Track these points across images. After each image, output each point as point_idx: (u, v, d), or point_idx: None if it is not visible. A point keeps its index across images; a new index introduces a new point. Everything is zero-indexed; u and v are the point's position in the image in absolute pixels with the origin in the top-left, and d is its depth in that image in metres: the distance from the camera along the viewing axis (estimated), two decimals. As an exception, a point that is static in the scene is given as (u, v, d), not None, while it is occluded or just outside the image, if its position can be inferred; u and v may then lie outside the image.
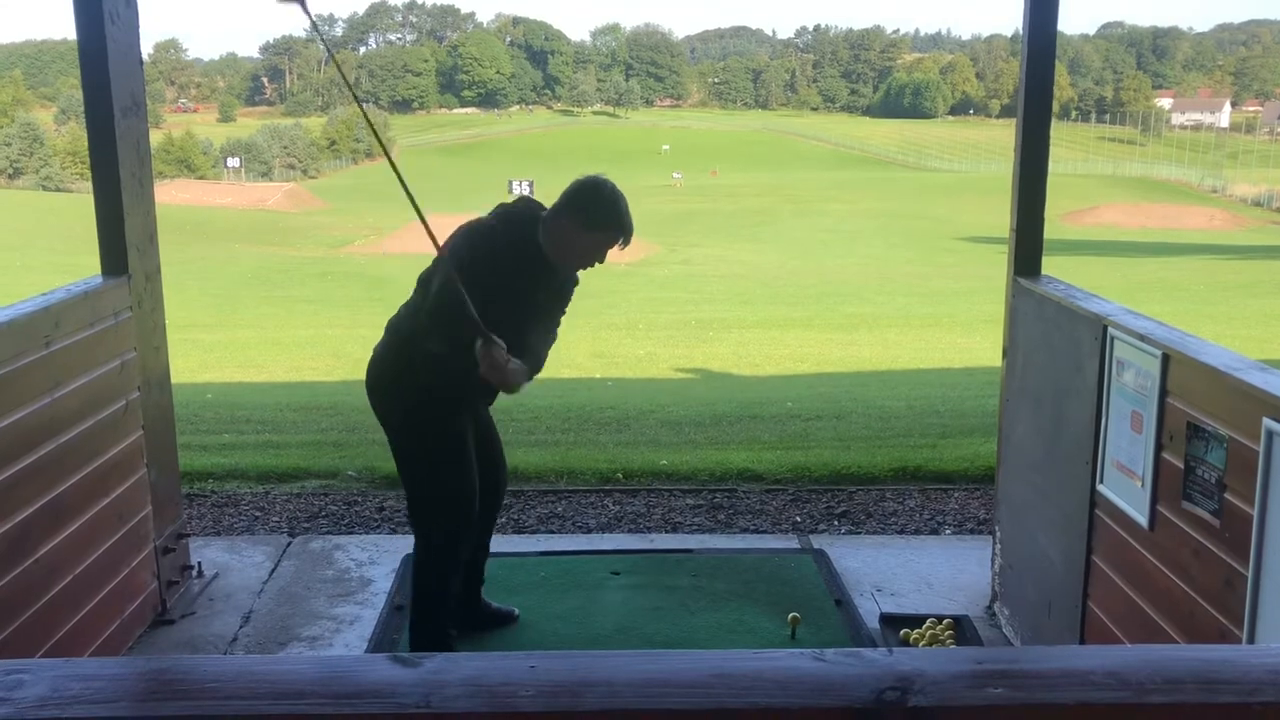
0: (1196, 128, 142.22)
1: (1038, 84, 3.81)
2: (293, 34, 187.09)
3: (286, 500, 5.32)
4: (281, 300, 22.48)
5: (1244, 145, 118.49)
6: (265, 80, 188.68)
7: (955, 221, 52.24)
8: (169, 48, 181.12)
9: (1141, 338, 2.91)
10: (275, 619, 4.05)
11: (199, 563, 4.40)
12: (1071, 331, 3.36)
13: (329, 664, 0.93)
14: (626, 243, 3.48)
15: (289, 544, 4.73)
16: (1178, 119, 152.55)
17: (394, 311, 3.60)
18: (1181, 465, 2.67)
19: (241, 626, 3.98)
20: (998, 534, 4.09)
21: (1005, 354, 4.00)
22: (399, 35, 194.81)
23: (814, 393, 9.50)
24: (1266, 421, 2.29)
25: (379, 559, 4.56)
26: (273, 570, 4.46)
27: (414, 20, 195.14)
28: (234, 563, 4.52)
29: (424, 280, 3.40)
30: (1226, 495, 2.47)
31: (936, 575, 4.44)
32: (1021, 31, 3.82)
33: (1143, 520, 2.87)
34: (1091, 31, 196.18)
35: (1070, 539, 3.35)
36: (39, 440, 3.14)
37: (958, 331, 15.30)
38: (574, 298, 3.70)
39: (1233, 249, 38.61)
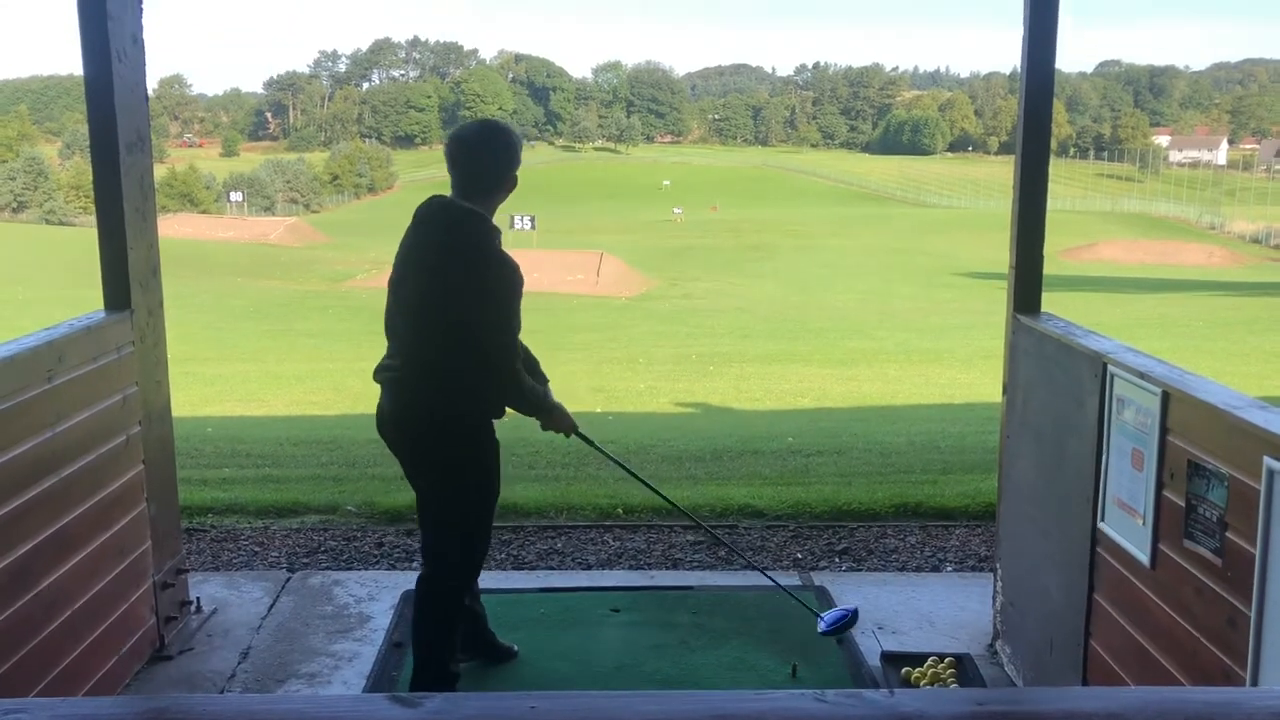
0: (1194, 165, 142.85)
1: (1036, 122, 3.83)
2: (296, 70, 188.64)
3: (286, 535, 5.30)
4: (283, 334, 22.51)
5: (1241, 182, 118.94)
6: (269, 115, 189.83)
7: (955, 257, 52.38)
8: (173, 83, 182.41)
9: (1141, 375, 2.92)
10: (273, 655, 4.03)
11: (198, 598, 4.38)
12: (1071, 369, 3.37)
13: (328, 704, 0.93)
14: None
15: (288, 579, 4.71)
16: (1175, 156, 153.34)
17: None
18: (1183, 503, 2.67)
19: (240, 663, 3.96)
20: (999, 571, 4.07)
21: (1005, 390, 4.00)
22: (402, 72, 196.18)
23: (815, 427, 9.50)
24: (1267, 460, 2.29)
25: (378, 595, 4.54)
26: (271, 606, 4.44)
27: (417, 57, 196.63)
28: (233, 598, 4.50)
29: (465, 320, 3.25)
30: (1228, 534, 2.46)
31: (938, 613, 4.42)
32: (1020, 69, 3.85)
33: (1144, 558, 2.86)
34: (1089, 69, 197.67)
35: (1072, 576, 3.34)
36: (41, 474, 3.14)
37: (958, 367, 15.31)
38: (574, 330, 3.72)
39: (1231, 285, 38.70)
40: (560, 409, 3.54)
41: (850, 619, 3.96)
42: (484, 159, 3.35)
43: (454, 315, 3.25)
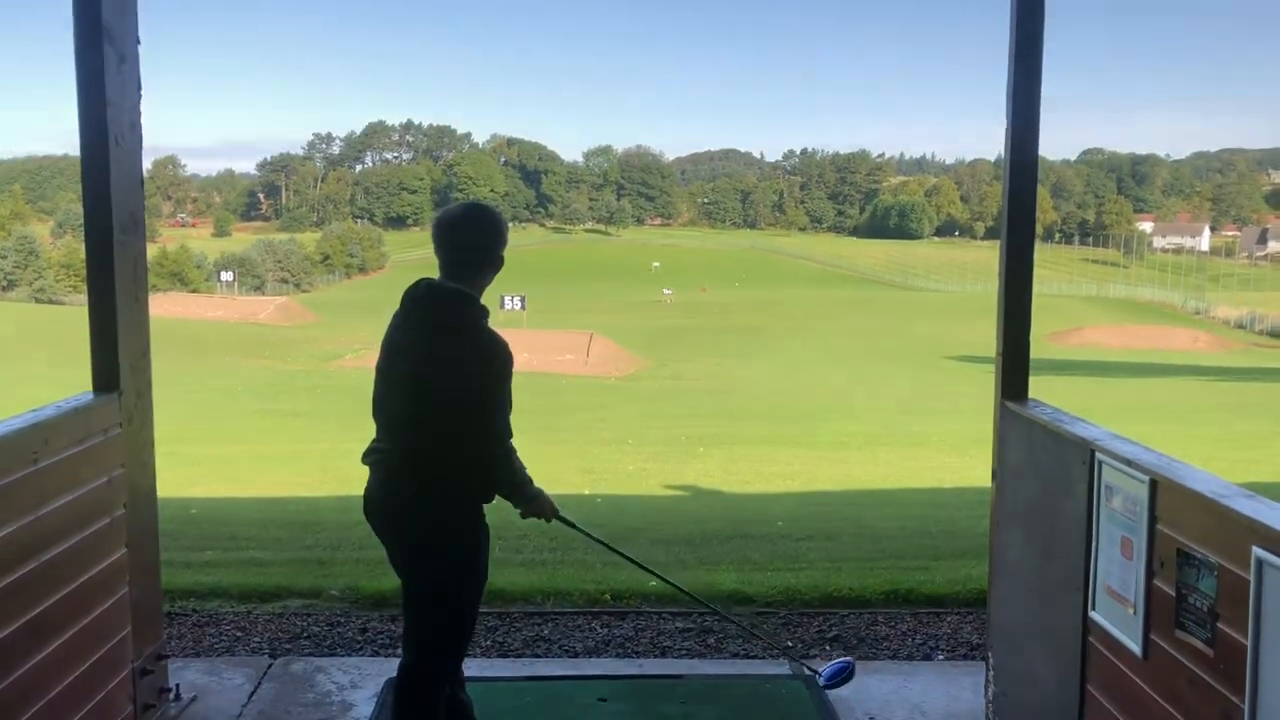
0: (1177, 251, 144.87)
1: (1020, 208, 3.89)
2: (290, 151, 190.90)
3: (268, 620, 5.23)
4: (270, 414, 22.43)
5: (1225, 268, 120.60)
6: (261, 196, 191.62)
7: (943, 340, 52.70)
8: (167, 164, 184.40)
9: (1129, 463, 2.92)
10: (253, 745, 3.94)
11: (177, 685, 4.30)
12: (1060, 456, 3.37)
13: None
14: None
15: (270, 665, 4.63)
16: (1159, 242, 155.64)
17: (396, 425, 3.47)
18: (1173, 593, 2.65)
19: (218, 752, 3.87)
20: (991, 660, 4.03)
21: (994, 476, 4.00)
22: (395, 154, 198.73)
23: (805, 511, 9.46)
24: (1256, 550, 2.28)
25: (361, 682, 4.47)
26: (252, 693, 4.36)
27: (410, 140, 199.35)
28: (213, 685, 4.42)
29: (456, 401, 3.22)
30: (1220, 624, 2.45)
31: (930, 703, 4.36)
32: (1004, 156, 3.92)
33: (1136, 648, 2.84)
34: (1073, 157, 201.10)
35: (1064, 666, 3.31)
36: (22, 559, 3.10)
37: (947, 451, 15.30)
38: (564, 410, 3.72)
39: (1218, 370, 38.96)
40: (541, 494, 3.51)
41: (849, 672, 4.12)
42: (470, 239, 3.37)
43: (445, 396, 3.23)
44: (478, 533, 3.40)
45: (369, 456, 3.43)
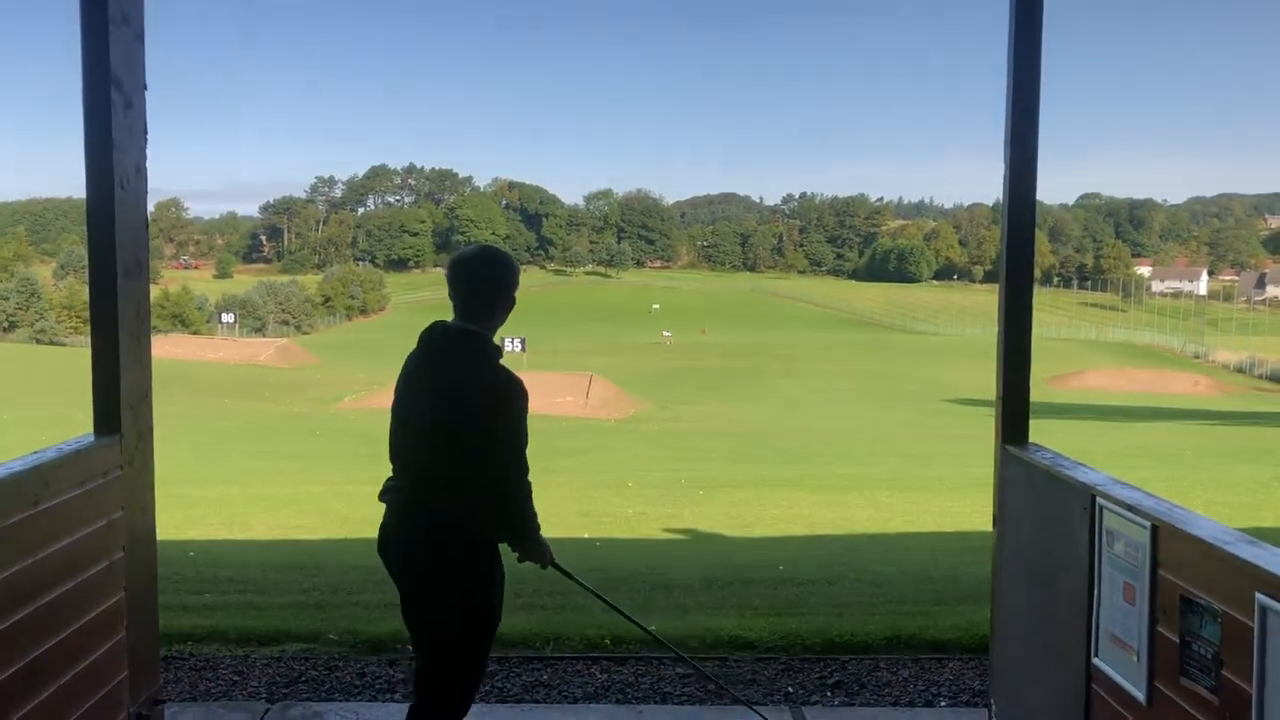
0: (1176, 295, 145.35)
1: (1019, 252, 3.91)
2: (293, 194, 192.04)
3: (266, 664, 5.18)
4: (269, 455, 22.38)
5: (1223, 313, 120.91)
6: (264, 238, 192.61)
7: (942, 383, 52.74)
8: (170, 206, 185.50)
9: (1130, 508, 2.92)
10: (249, 792, 3.90)
11: (173, 730, 4.26)
12: (1061, 501, 3.37)
13: None
14: None
15: (267, 710, 4.59)
16: (1157, 286, 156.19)
17: (394, 465, 3.50)
18: (1177, 639, 2.64)
19: (213, 799, 3.83)
20: (993, 707, 4.00)
21: (996, 522, 3.99)
22: (397, 197, 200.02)
23: (806, 555, 9.41)
24: (1259, 597, 2.28)
25: (359, 728, 4.42)
26: (248, 739, 4.31)
27: (413, 183, 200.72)
28: (209, 730, 4.38)
29: (476, 441, 3.27)
30: (1224, 671, 2.44)
31: (932, 750, 4.31)
32: (1002, 200, 3.95)
33: (1140, 696, 2.82)
34: (1070, 201, 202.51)
35: (1067, 713, 3.28)
36: (20, 602, 3.09)
37: (948, 494, 15.25)
38: (563, 453, 3.76)
39: (1218, 414, 38.93)
40: (543, 540, 3.55)
41: None
42: (483, 280, 3.43)
43: (462, 438, 3.27)
44: (494, 572, 3.42)
45: (386, 495, 3.47)
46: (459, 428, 3.27)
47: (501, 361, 3.41)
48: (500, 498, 3.33)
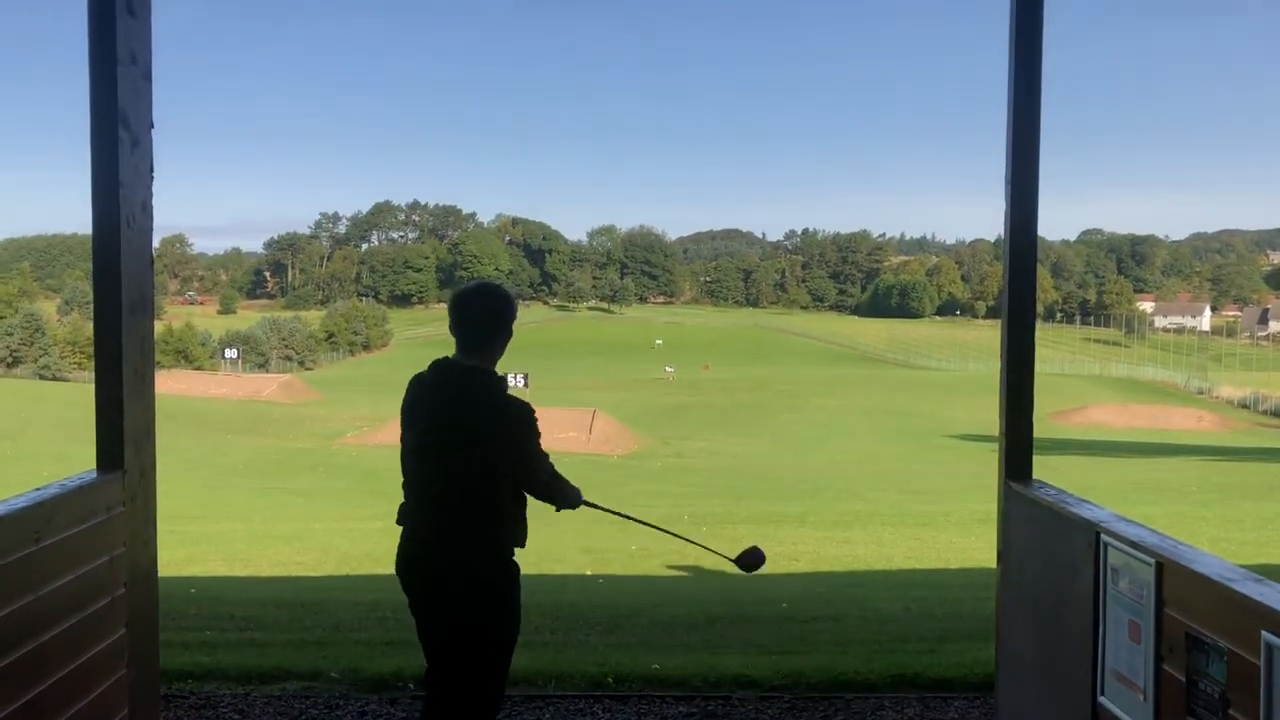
0: (1179, 330, 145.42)
1: (1021, 289, 3.92)
2: (297, 230, 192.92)
3: (266, 703, 5.15)
4: (272, 491, 22.34)
5: (1226, 348, 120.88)
6: (268, 274, 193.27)
7: (945, 419, 52.65)
8: (175, 242, 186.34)
9: (1134, 545, 2.90)
10: (248, 832, 3.86)
11: (172, 769, 4.22)
12: (1065, 537, 3.35)
13: None
14: None
15: (266, 750, 4.55)
16: (1160, 322, 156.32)
17: (401, 498, 3.61)
18: (1183, 678, 2.62)
19: (212, 840, 3.79)
20: (1000, 746, 3.96)
21: (1000, 558, 3.97)
22: (401, 233, 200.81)
23: (809, 593, 9.36)
24: (1265, 635, 2.26)
25: (359, 767, 4.39)
26: (248, 778, 4.27)
27: (416, 219, 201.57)
28: (208, 769, 4.34)
29: (493, 463, 3.47)
30: (1231, 711, 2.42)
31: (938, 790, 4.27)
32: (1004, 237, 3.96)
33: (1147, 735, 2.80)
34: (1072, 237, 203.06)
35: (1074, 753, 3.25)
36: (20, 641, 3.07)
37: (952, 530, 15.20)
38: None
39: (1222, 450, 38.81)
40: (574, 492, 3.79)
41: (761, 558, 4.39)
42: (481, 314, 3.60)
43: (481, 461, 3.43)
44: (512, 594, 3.56)
45: (405, 518, 3.62)
46: (474, 460, 3.44)
47: (505, 388, 3.59)
48: (540, 496, 3.61)
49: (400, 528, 3.64)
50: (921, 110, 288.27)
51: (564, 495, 3.71)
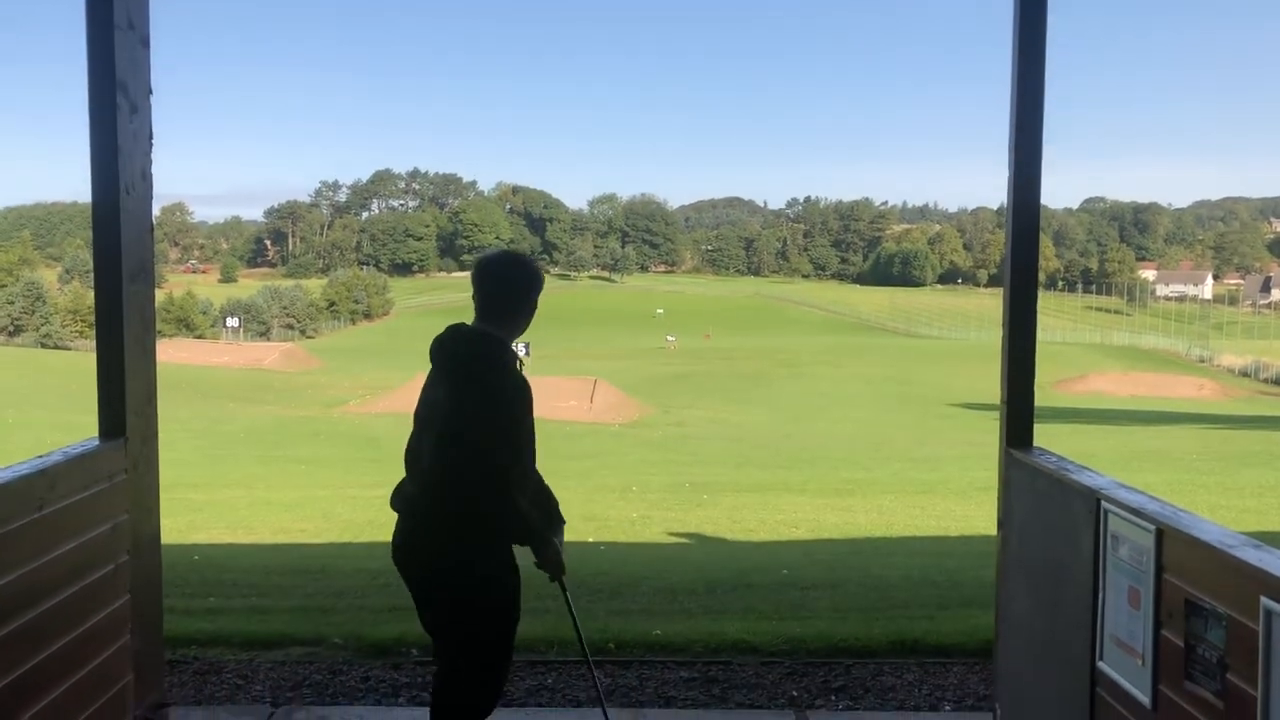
0: (1180, 299, 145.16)
1: (1023, 256, 3.91)
2: (297, 199, 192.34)
3: (270, 668, 5.18)
4: (274, 460, 22.40)
5: (1228, 316, 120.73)
6: (268, 243, 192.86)
7: (947, 387, 52.66)
8: (175, 210, 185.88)
9: (1135, 512, 2.91)
10: (253, 795, 3.90)
11: (177, 734, 4.26)
12: (1065, 505, 3.36)
13: None
14: None
15: (271, 715, 4.59)
16: (1162, 290, 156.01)
17: (407, 466, 3.49)
18: (1182, 643, 2.64)
19: (217, 803, 3.83)
20: (998, 711, 3.99)
21: (1000, 525, 3.98)
22: (401, 201, 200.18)
23: (809, 560, 9.40)
24: (1265, 601, 2.27)
25: (363, 732, 4.42)
26: (253, 743, 4.31)
27: (417, 188, 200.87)
28: (213, 734, 4.38)
29: (468, 436, 3.21)
30: (1229, 675, 2.43)
31: (937, 754, 4.31)
32: (1006, 204, 3.94)
33: (1145, 700, 2.82)
34: (1075, 205, 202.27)
35: (1072, 718, 3.27)
36: (24, 606, 3.09)
37: (953, 498, 15.24)
38: (568, 457, 3.72)
39: (1223, 419, 38.84)
40: (556, 551, 3.50)
41: None
42: (504, 283, 3.45)
43: (460, 431, 3.22)
44: (504, 574, 3.40)
45: (396, 500, 3.48)
46: (449, 430, 3.24)
47: (513, 363, 3.39)
48: (496, 498, 3.22)
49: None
50: (924, 77, 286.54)
51: (521, 520, 3.29)
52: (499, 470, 3.19)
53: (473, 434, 3.20)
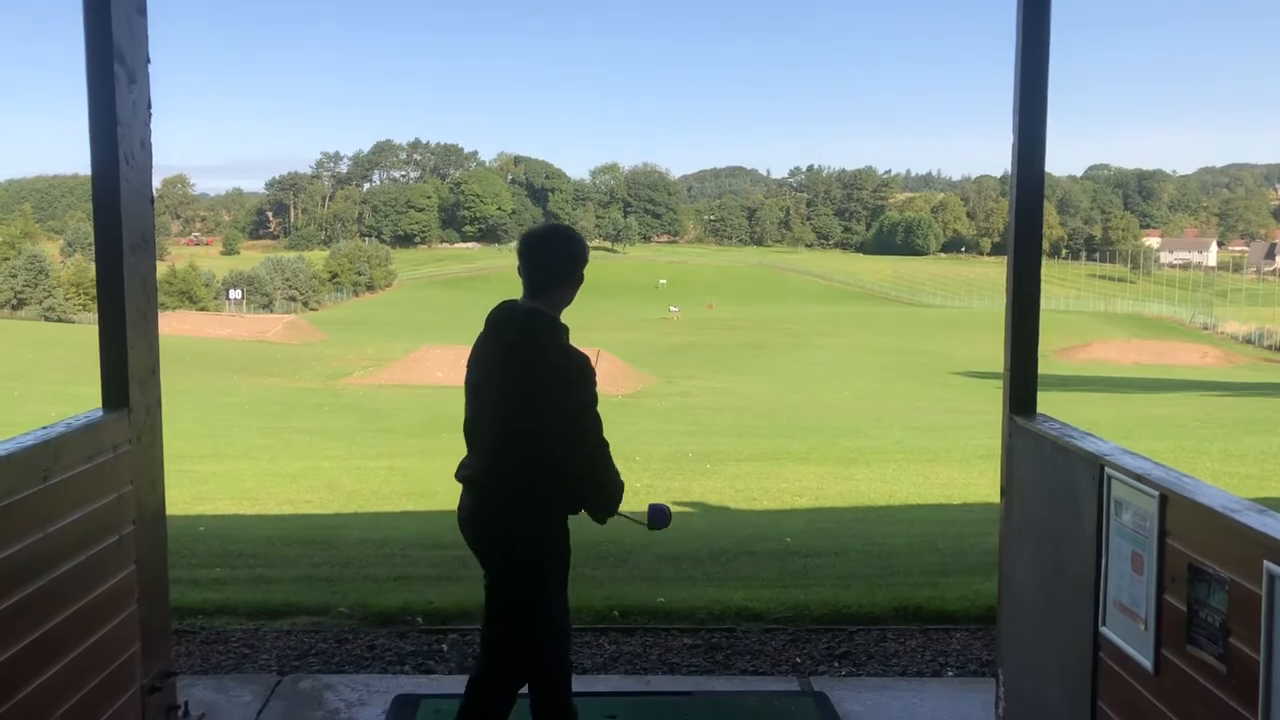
0: (1185, 266, 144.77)
1: (1027, 224, 3.89)
2: (298, 170, 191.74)
3: (276, 637, 5.22)
4: (278, 431, 22.46)
5: (1232, 284, 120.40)
6: (270, 215, 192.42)
7: (950, 356, 52.67)
8: (177, 182, 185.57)
9: (1138, 478, 2.91)
10: (261, 763, 3.93)
11: (185, 702, 4.29)
12: (1069, 471, 3.36)
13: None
14: None
15: (278, 683, 4.63)
16: (1166, 258, 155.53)
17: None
18: (1184, 608, 2.64)
19: (226, 770, 3.86)
20: (1000, 677, 4.01)
21: (1003, 493, 3.99)
22: (403, 173, 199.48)
23: (813, 528, 9.44)
24: (1267, 565, 2.27)
25: (369, 699, 4.46)
26: (260, 710, 4.35)
27: (418, 158, 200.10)
28: (221, 702, 4.42)
29: (543, 416, 3.31)
30: (1231, 639, 2.44)
31: None
32: (1010, 172, 3.92)
33: (1148, 664, 2.83)
34: (1079, 172, 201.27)
35: (1074, 683, 3.29)
36: (29, 577, 3.10)
37: (956, 466, 15.26)
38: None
39: (1226, 386, 38.83)
40: (621, 485, 3.63)
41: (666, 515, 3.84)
42: (549, 258, 3.50)
43: (537, 414, 3.32)
44: (562, 550, 3.52)
45: (461, 472, 3.55)
46: (531, 407, 3.32)
47: (567, 337, 3.47)
48: (580, 476, 3.40)
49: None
50: (928, 44, 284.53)
51: (605, 489, 3.49)
52: (600, 451, 3.43)
53: (548, 420, 3.31)
